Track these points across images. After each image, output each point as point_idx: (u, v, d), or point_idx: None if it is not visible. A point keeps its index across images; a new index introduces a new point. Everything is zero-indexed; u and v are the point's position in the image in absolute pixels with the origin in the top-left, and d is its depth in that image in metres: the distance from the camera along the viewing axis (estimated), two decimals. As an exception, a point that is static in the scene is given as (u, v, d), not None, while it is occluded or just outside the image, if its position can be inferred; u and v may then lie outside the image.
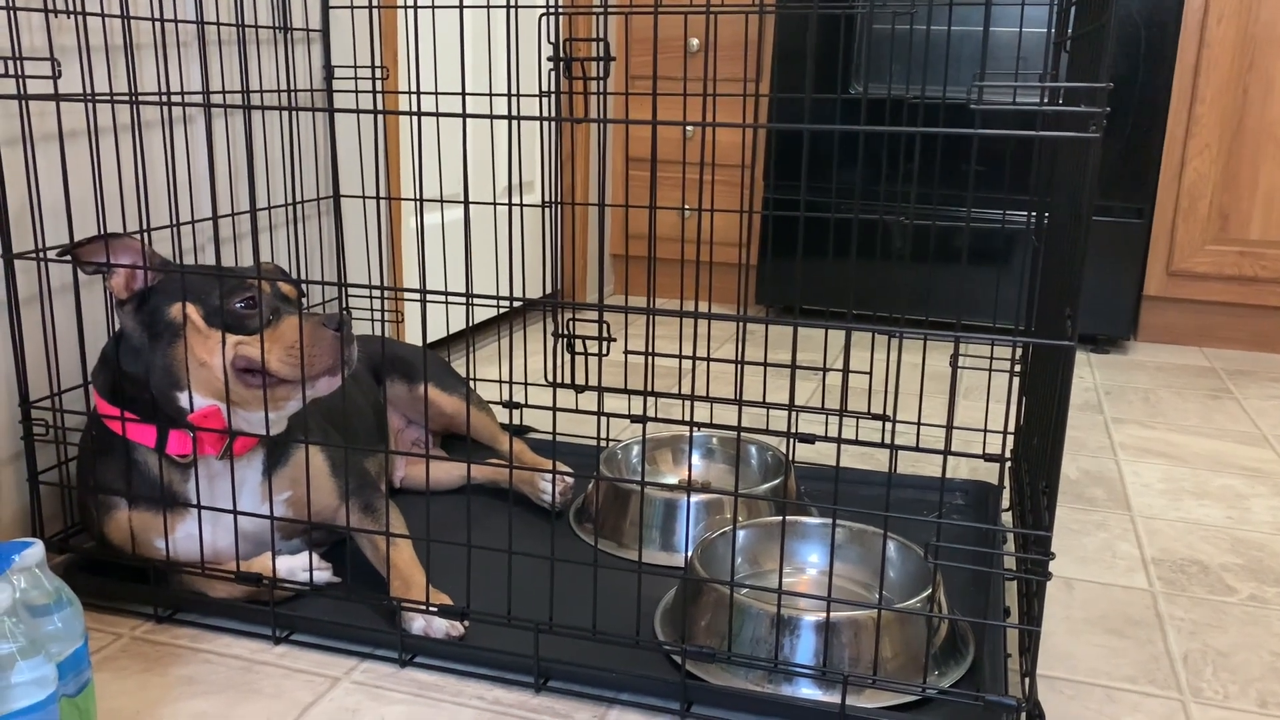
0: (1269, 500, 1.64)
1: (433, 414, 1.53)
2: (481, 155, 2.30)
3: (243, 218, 1.53)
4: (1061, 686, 1.11)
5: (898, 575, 1.22)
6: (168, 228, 1.40)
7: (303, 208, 1.65)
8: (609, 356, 2.18)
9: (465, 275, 1.36)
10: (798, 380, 2.20)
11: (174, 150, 1.41)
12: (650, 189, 2.57)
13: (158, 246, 1.27)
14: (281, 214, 1.63)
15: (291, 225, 1.63)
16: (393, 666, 1.10)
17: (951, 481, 1.58)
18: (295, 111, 1.60)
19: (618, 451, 1.54)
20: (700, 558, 1.18)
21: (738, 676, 1.06)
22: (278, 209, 1.62)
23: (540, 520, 1.44)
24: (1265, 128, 2.43)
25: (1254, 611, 1.29)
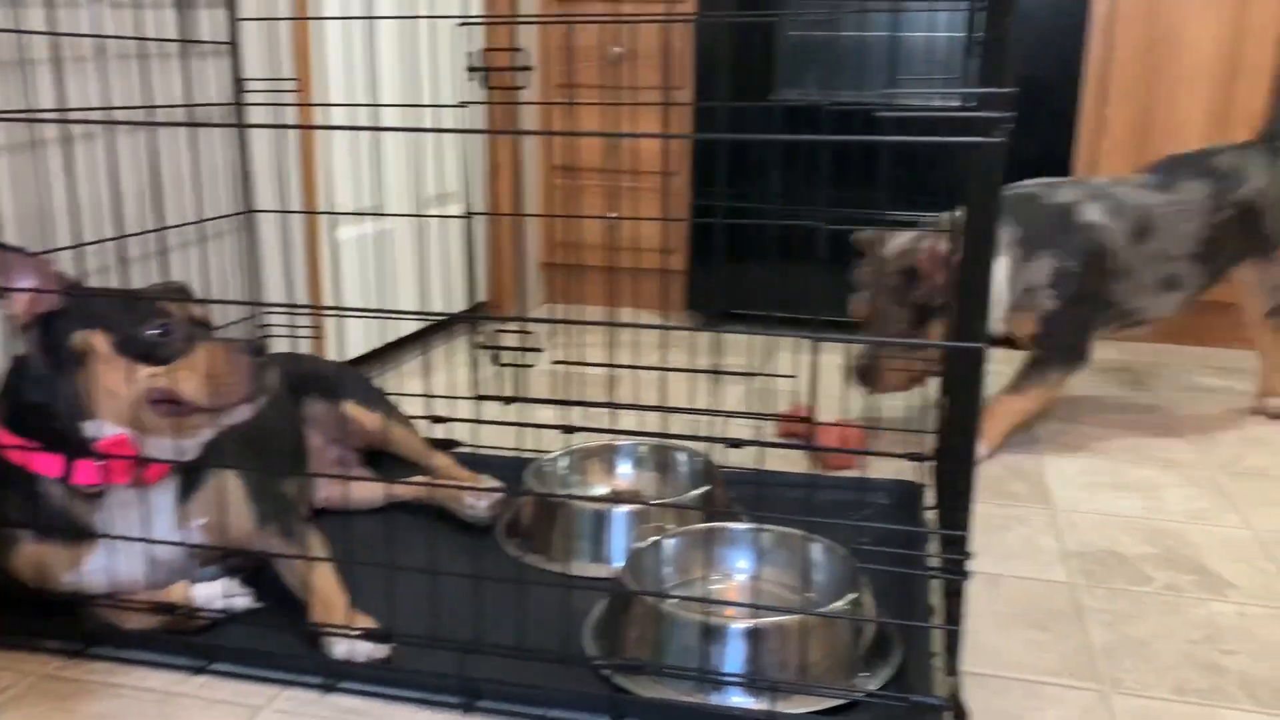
0: (1183, 490, 1.69)
1: (354, 431, 1.50)
2: (402, 168, 2.27)
3: (150, 237, 1.49)
4: (987, 682, 1.13)
5: (824, 577, 1.22)
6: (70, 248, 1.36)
7: (211, 226, 1.61)
8: (536, 367, 2.17)
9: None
10: (727, 385, 2.21)
11: (75, 169, 1.37)
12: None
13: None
14: (189, 233, 1.59)
15: (200, 244, 1.59)
16: (316, 693, 1.08)
17: (877, 482, 1.60)
18: (207, 127, 1.56)
19: (545, 464, 1.53)
20: (630, 569, 1.18)
21: (667, 687, 1.06)
22: (186, 227, 1.58)
23: (468, 537, 1.42)
24: (1172, 128, 2.50)
25: (1170, 600, 1.32)
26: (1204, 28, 2.44)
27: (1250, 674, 1.15)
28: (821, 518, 1.46)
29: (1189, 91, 2.47)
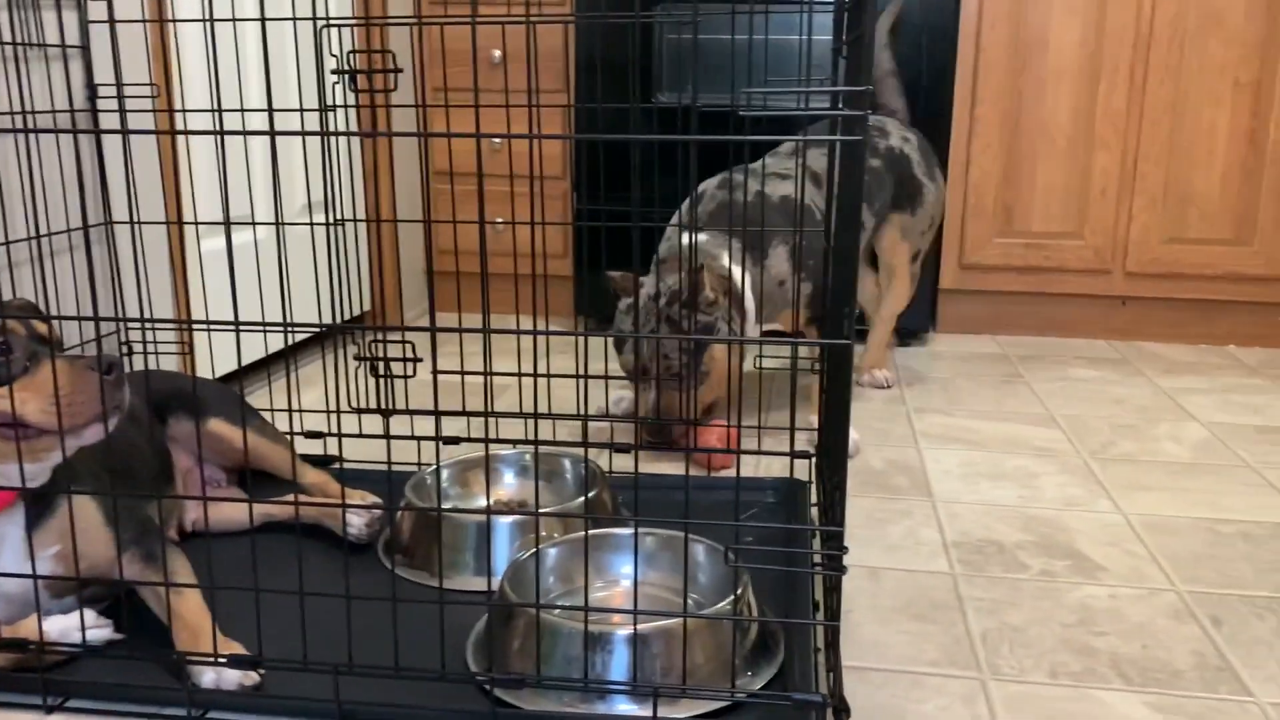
0: (1057, 478, 1.74)
1: (224, 450, 1.44)
2: (269, 176, 2.20)
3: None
4: (870, 676, 1.14)
5: (708, 579, 1.22)
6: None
7: (64, 239, 1.54)
8: (417, 377, 2.13)
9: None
10: (617, 388, 2.19)
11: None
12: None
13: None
14: (38, 246, 1.51)
15: (53, 258, 1.51)
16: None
17: (762, 480, 1.60)
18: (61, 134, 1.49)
19: (426, 477, 1.49)
20: (510, 580, 1.15)
21: (551, 699, 1.04)
22: (34, 240, 1.50)
23: (347, 555, 1.37)
24: (1039, 126, 2.58)
25: (1045, 586, 1.35)
26: (1067, 30, 2.52)
27: (1120, 654, 1.18)
28: (705, 518, 1.46)
29: (1055, 91, 2.56)
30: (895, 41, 2.34)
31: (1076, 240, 2.62)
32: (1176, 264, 2.60)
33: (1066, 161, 2.59)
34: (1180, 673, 1.14)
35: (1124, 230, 2.60)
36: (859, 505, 1.61)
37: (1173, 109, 2.52)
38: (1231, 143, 2.52)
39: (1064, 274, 2.65)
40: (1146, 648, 1.20)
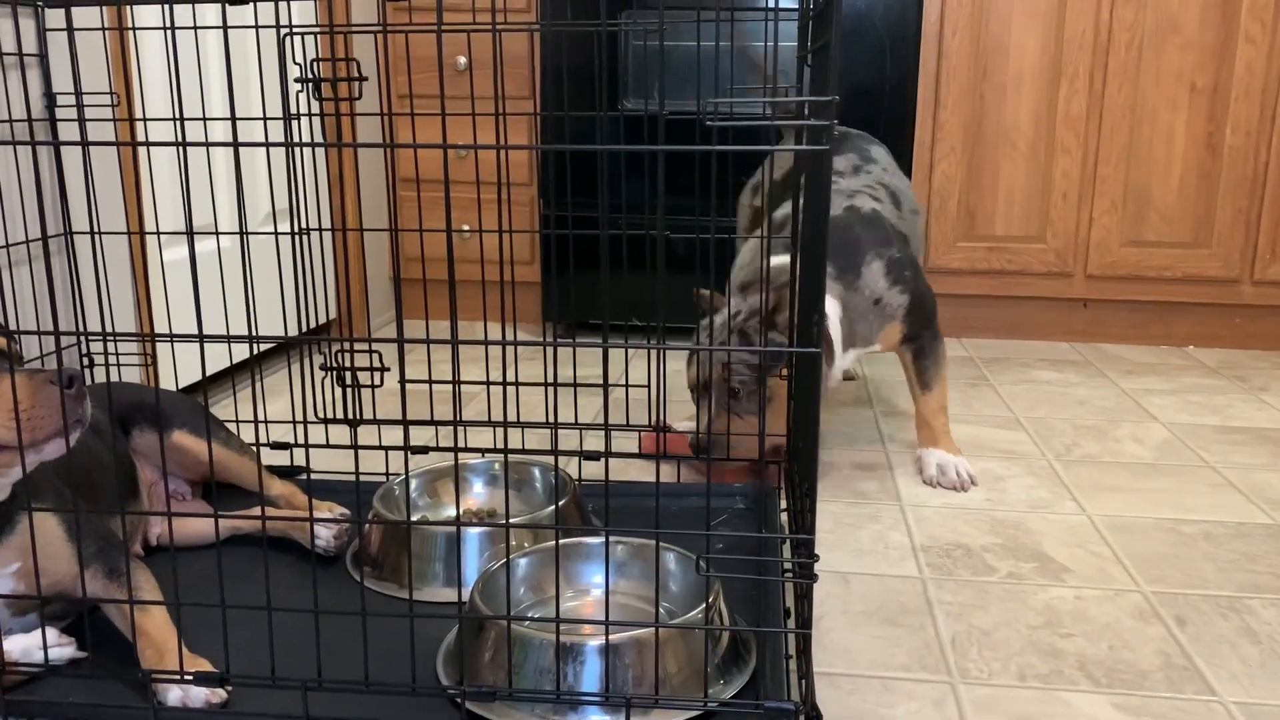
0: (1023, 480, 1.75)
1: (188, 462, 1.43)
2: (233, 185, 2.18)
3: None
4: (841, 682, 1.14)
5: (680, 587, 1.22)
6: None
7: (11, 252, 1.51)
8: (385, 387, 2.11)
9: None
10: (587, 396, 2.19)
11: None
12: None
13: None
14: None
15: (12, 269, 1.49)
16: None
17: (733, 487, 1.61)
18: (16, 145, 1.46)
19: (395, 487, 1.48)
20: (481, 591, 1.15)
21: (524, 711, 1.03)
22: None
23: (315, 568, 1.36)
24: (1002, 131, 2.61)
25: (1012, 588, 1.36)
26: (1027, 36, 2.55)
27: (1086, 655, 1.19)
28: (676, 526, 1.46)
29: (1016, 95, 2.58)
30: None
31: (1038, 244, 2.65)
32: (1136, 266, 2.63)
33: (1028, 166, 2.62)
34: (1146, 673, 1.16)
35: (1085, 233, 2.63)
36: (828, 509, 1.62)
37: (1131, 113, 2.55)
38: (1189, 147, 2.56)
39: (1026, 277, 2.68)
40: (1113, 648, 1.21)
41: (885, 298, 1.70)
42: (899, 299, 1.72)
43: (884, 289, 1.70)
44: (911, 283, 1.72)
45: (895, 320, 1.73)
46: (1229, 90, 2.51)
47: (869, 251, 1.70)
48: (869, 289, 1.69)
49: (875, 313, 1.71)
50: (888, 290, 1.71)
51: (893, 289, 1.70)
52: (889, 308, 1.71)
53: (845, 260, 1.70)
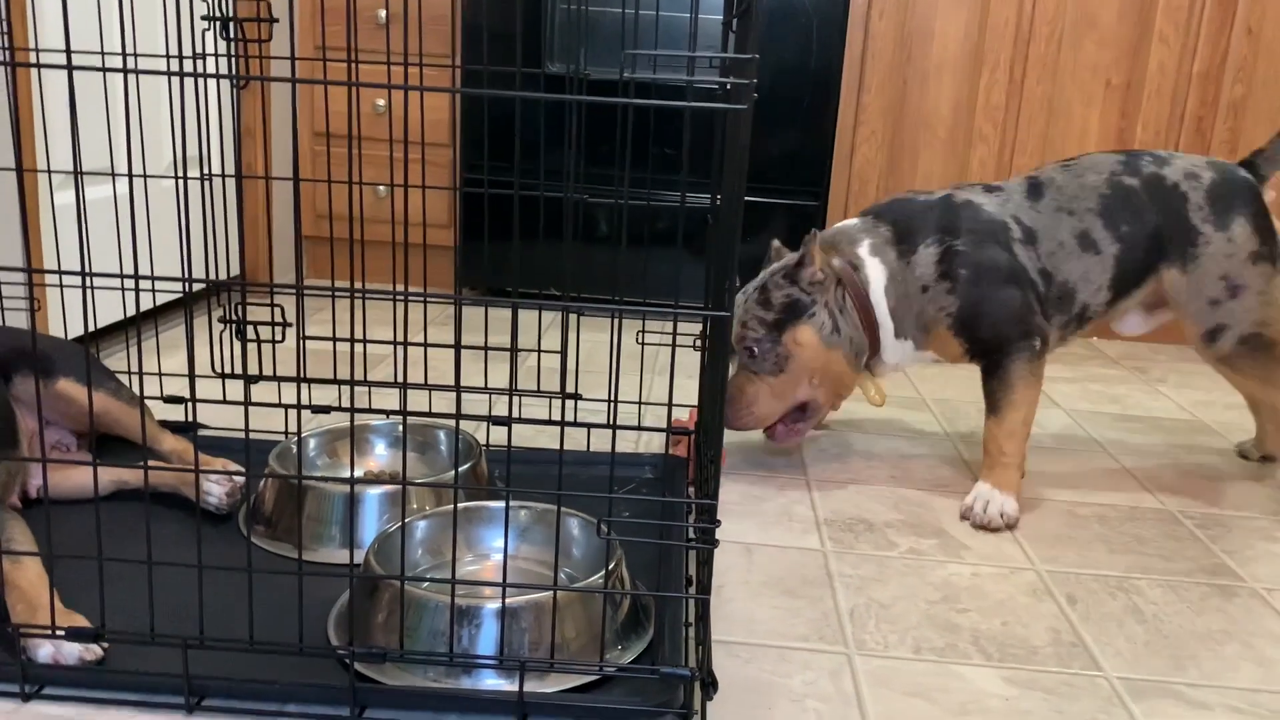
0: (927, 460, 1.77)
1: (73, 412, 1.36)
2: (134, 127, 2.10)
3: None
4: (738, 650, 1.14)
5: (582, 553, 1.20)
6: None
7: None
8: (287, 344, 2.05)
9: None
10: (498, 361, 2.16)
11: None
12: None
13: None
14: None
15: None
16: (14, 702, 0.96)
17: (642, 456, 1.60)
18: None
19: (292, 446, 1.44)
20: (376, 553, 1.12)
21: (416, 674, 1.01)
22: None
23: (205, 526, 1.31)
24: (922, 117, 2.63)
25: (912, 563, 1.38)
26: (952, 22, 2.58)
27: (981, 630, 1.21)
28: (582, 492, 1.44)
29: (938, 82, 2.61)
30: None
31: (954, 230, 2.69)
32: (1046, 257, 2.69)
33: (946, 153, 2.65)
34: (1037, 649, 1.18)
35: (998, 222, 2.67)
36: (736, 484, 1.62)
37: (1048, 106, 2.60)
38: (1101, 141, 2.62)
39: (941, 263, 2.72)
40: (1006, 624, 1.23)
41: (931, 290, 1.56)
42: (945, 299, 1.56)
43: (930, 277, 1.56)
44: (967, 285, 1.54)
45: (941, 326, 1.58)
46: (1141, 88, 2.57)
47: (933, 234, 1.56)
48: (918, 270, 1.57)
49: (922, 303, 1.57)
50: (935, 281, 1.56)
51: (940, 282, 1.55)
52: (932, 305, 1.57)
53: (906, 231, 1.58)
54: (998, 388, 1.56)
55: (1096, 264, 1.60)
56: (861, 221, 1.63)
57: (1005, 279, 1.55)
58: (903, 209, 1.62)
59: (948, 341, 1.59)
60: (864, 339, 1.60)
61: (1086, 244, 1.60)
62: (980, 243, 1.55)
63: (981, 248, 1.55)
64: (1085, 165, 1.66)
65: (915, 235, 1.57)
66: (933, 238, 1.56)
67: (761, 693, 1.06)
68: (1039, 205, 1.61)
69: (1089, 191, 1.62)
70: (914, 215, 1.60)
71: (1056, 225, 1.60)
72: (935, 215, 1.59)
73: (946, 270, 1.55)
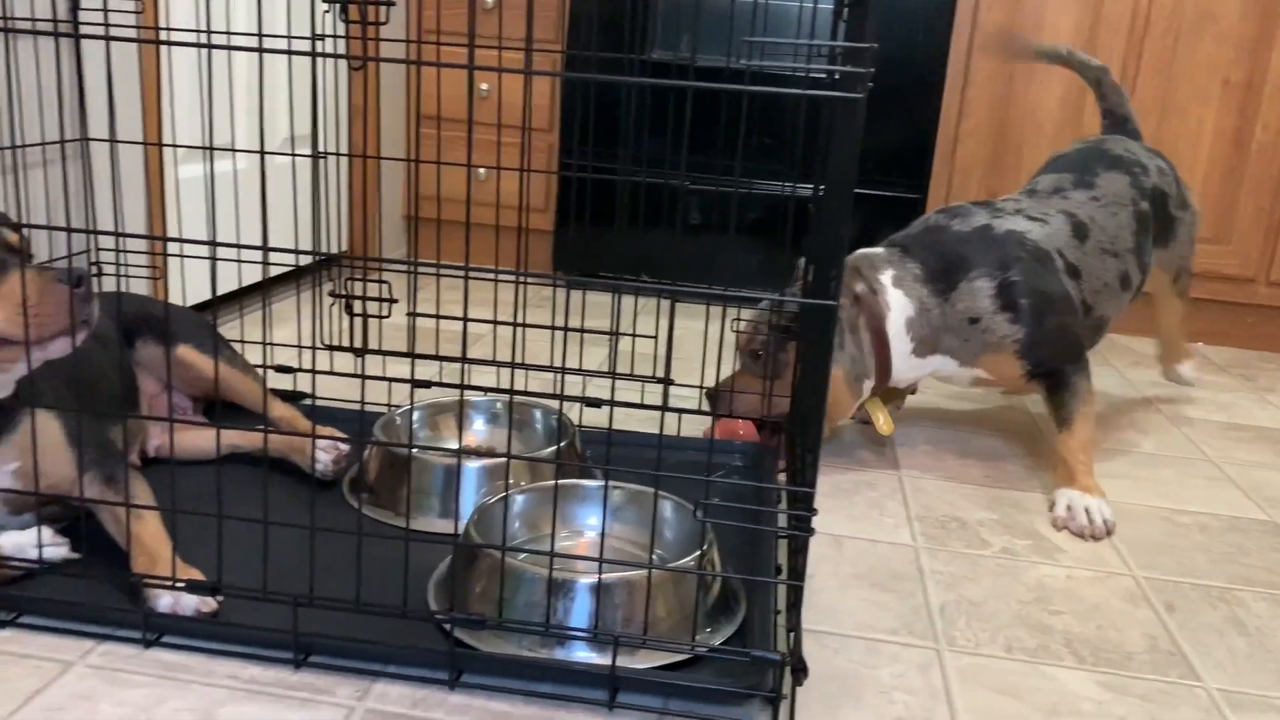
0: (1023, 460, 1.75)
1: (191, 378, 1.42)
2: (252, 106, 2.17)
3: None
4: (827, 640, 1.14)
5: (674, 535, 1.22)
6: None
7: (28, 153, 1.50)
8: (391, 320, 2.11)
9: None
10: (591, 345, 2.19)
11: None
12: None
13: None
14: (6, 159, 1.48)
15: (27, 170, 1.48)
16: (136, 648, 1.02)
17: (731, 444, 1.60)
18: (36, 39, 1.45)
19: (396, 418, 1.48)
20: (476, 524, 1.15)
21: (510, 643, 1.03)
22: (6, 151, 1.47)
23: (311, 490, 1.36)
24: (1029, 112, 2.58)
25: (1005, 563, 1.36)
26: (1063, 15, 2.52)
27: (1074, 633, 1.20)
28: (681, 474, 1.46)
29: (1045, 76, 2.56)
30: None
31: (1057, 229, 2.63)
32: (1153, 259, 2.62)
33: (1052, 148, 2.59)
34: (1132, 654, 1.16)
35: (1104, 222, 2.61)
36: (826, 476, 1.62)
37: (1162, 103, 2.53)
38: (1217, 142, 2.54)
39: (1042, 262, 2.67)
40: (1100, 628, 1.21)
41: (987, 321, 1.57)
42: (1008, 328, 1.57)
43: (987, 310, 1.57)
44: (1030, 315, 1.56)
45: (1005, 351, 1.58)
46: (1263, 86, 2.48)
47: (978, 269, 1.57)
48: (963, 304, 1.57)
49: (972, 333, 1.58)
50: (993, 315, 1.57)
51: (999, 315, 1.56)
52: (992, 334, 1.57)
53: (943, 268, 1.59)
54: (1069, 400, 1.59)
55: (1127, 296, 1.74)
56: (888, 252, 1.63)
57: (1064, 308, 1.60)
58: (935, 244, 1.61)
59: (1008, 364, 1.60)
60: (870, 364, 1.59)
61: (1125, 283, 1.72)
62: (1035, 272, 1.58)
63: (1037, 277, 1.58)
64: (1109, 195, 1.73)
65: (954, 272, 1.58)
66: (978, 272, 1.57)
67: (849, 682, 1.06)
68: (1085, 247, 1.66)
69: (1125, 230, 1.72)
70: (948, 250, 1.60)
71: (1102, 268, 1.67)
72: (977, 249, 1.59)
73: (1007, 302, 1.57)
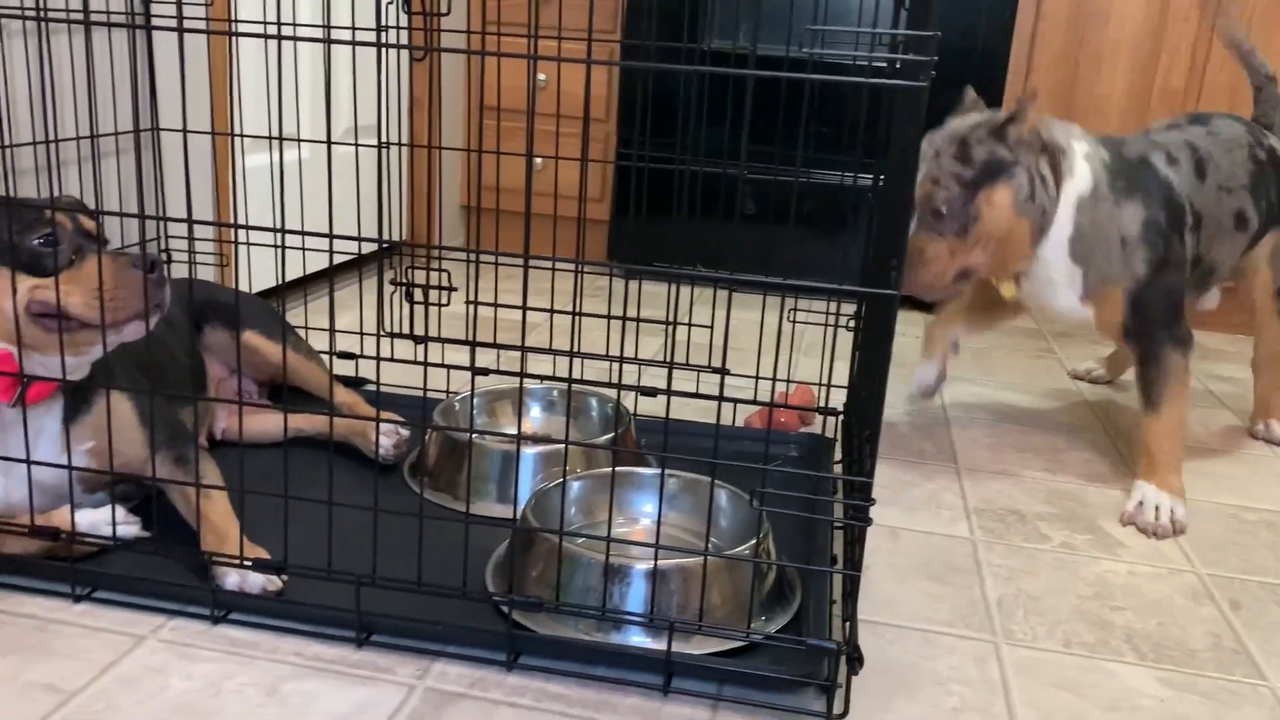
0: (1083, 453, 1.73)
1: (257, 362, 1.46)
2: (317, 97, 2.20)
3: (42, 149, 1.41)
4: (883, 631, 1.14)
5: (729, 524, 1.22)
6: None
7: (102, 142, 1.54)
8: (450, 308, 2.13)
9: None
10: (645, 335, 2.19)
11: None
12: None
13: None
14: (84, 148, 1.52)
15: (99, 160, 1.52)
16: (204, 624, 1.05)
17: (787, 434, 1.60)
18: (109, 31, 1.49)
19: (455, 404, 1.50)
20: (533, 508, 1.16)
21: (567, 626, 1.05)
22: (82, 141, 1.51)
23: (371, 473, 1.39)
24: (1093, 102, 2.54)
25: (1064, 558, 1.35)
26: (1130, 3, 2.47)
27: (1135, 629, 1.18)
28: (738, 463, 1.46)
29: (1112, 65, 2.51)
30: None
31: (1121, 220, 2.58)
32: (1221, 251, 2.56)
33: (1118, 139, 2.54)
34: (1195, 652, 1.14)
35: (1170, 213, 2.56)
36: (883, 468, 1.61)
37: (1232, 92, 2.47)
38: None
39: (1105, 254, 2.62)
40: (1162, 625, 1.20)
41: (1130, 246, 1.47)
42: (1139, 265, 1.48)
43: (1134, 237, 1.48)
44: (1153, 258, 1.48)
45: (1118, 287, 1.49)
46: (1338, 75, 2.41)
47: (1146, 194, 1.49)
48: (1127, 216, 1.48)
49: (1115, 252, 1.48)
50: (1139, 243, 1.48)
51: (1138, 246, 1.47)
52: (1123, 261, 1.48)
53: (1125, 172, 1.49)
54: (1158, 378, 1.50)
55: (1242, 240, 1.63)
56: (1083, 131, 1.53)
57: (1178, 273, 1.51)
58: (1119, 150, 1.52)
59: (1115, 307, 1.50)
60: (1052, 216, 1.47)
61: (1240, 222, 1.61)
62: (1174, 225, 1.50)
63: (1174, 230, 1.50)
64: (1225, 136, 1.64)
65: (1133, 184, 1.49)
66: (1143, 197, 1.48)
67: (905, 673, 1.06)
68: (1204, 186, 1.57)
69: (1240, 168, 1.62)
70: (1131, 163, 1.51)
71: (1219, 207, 1.58)
72: (1146, 176, 1.51)
73: (1146, 235, 1.47)
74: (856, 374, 1.50)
